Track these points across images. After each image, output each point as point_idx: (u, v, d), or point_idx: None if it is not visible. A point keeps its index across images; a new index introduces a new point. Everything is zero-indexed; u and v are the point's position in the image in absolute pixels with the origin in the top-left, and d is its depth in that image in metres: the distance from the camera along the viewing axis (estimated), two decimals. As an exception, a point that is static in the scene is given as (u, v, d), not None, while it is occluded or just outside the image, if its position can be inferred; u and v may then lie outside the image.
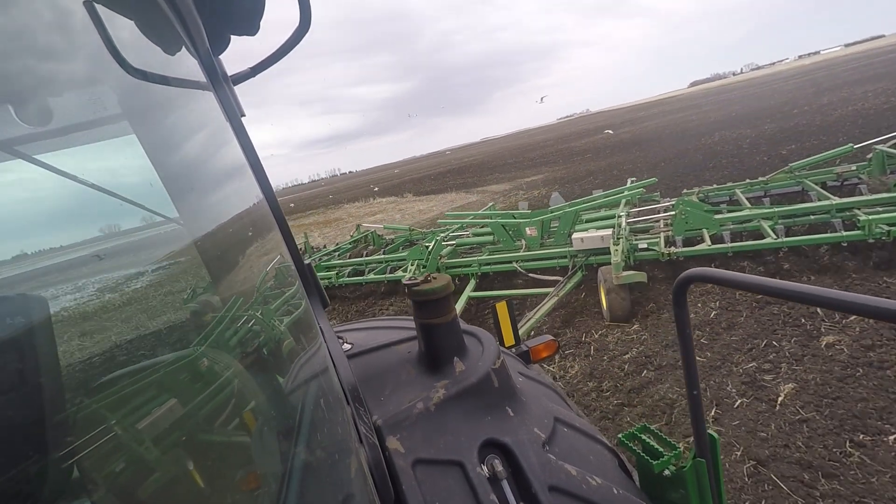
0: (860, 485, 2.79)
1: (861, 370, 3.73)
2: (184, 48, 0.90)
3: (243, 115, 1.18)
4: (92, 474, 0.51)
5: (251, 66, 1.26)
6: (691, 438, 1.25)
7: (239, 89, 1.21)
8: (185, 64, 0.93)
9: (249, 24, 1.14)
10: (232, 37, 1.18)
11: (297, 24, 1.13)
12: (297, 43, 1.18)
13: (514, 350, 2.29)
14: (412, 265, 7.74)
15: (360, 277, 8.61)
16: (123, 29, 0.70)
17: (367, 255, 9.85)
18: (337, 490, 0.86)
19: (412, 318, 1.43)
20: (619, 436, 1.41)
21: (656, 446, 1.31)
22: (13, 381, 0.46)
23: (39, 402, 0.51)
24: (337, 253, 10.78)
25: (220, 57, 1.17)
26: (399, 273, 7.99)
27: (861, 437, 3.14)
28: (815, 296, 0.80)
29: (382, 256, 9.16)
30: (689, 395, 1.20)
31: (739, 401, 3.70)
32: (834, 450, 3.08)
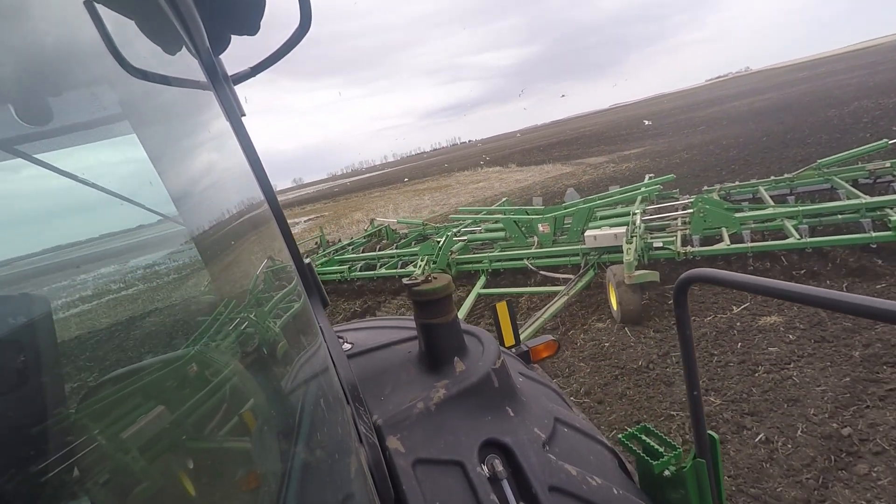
0: (671, 333, 4.91)
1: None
2: (184, 48, 0.90)
3: (243, 115, 1.18)
4: (92, 474, 0.51)
5: (251, 65, 1.26)
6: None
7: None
8: (186, 64, 0.93)
9: (249, 24, 1.14)
10: (232, 37, 1.18)
11: (297, 24, 1.13)
12: (298, 43, 1.18)
13: (514, 350, 2.29)
14: (422, 261, 7.61)
15: (372, 272, 8.57)
16: (123, 29, 0.70)
17: (379, 250, 9.83)
18: (337, 490, 0.86)
19: (412, 317, 1.43)
20: (619, 436, 1.41)
21: (656, 447, 1.31)
22: (14, 381, 0.46)
23: (40, 402, 0.51)
24: (351, 247, 10.82)
25: (220, 57, 1.17)
26: (410, 268, 7.89)
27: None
28: (815, 297, 0.80)
29: (395, 251, 9.12)
30: (689, 395, 1.20)
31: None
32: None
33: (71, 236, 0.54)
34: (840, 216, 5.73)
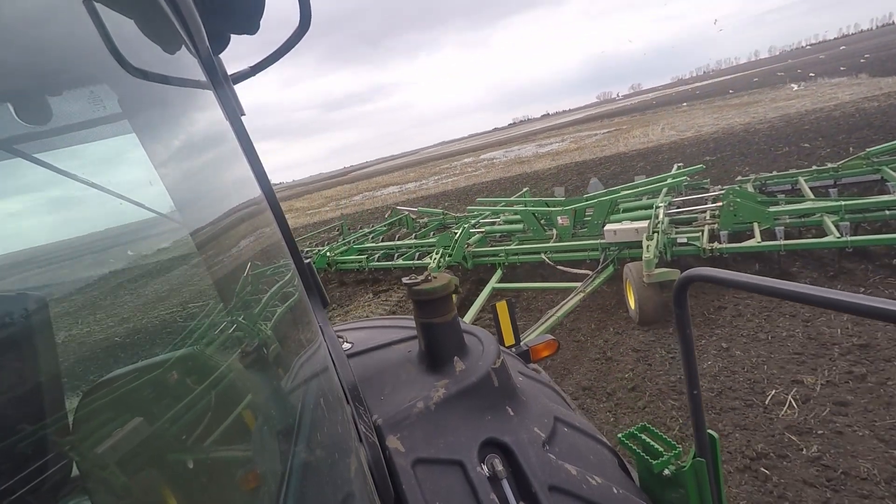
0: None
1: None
2: (184, 47, 0.90)
3: (243, 115, 1.18)
4: (92, 473, 0.51)
5: (251, 65, 1.26)
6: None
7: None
8: (185, 63, 0.93)
9: (249, 23, 1.14)
10: (232, 36, 1.18)
11: (297, 24, 1.13)
12: (297, 42, 1.18)
13: (513, 349, 2.29)
14: (437, 253, 7.34)
15: (390, 262, 8.50)
16: (123, 28, 0.70)
17: (398, 239, 9.80)
18: (337, 489, 0.86)
19: (412, 317, 1.43)
20: (619, 435, 1.41)
21: (656, 446, 1.31)
22: (13, 380, 0.47)
23: (39, 401, 0.52)
24: (371, 235, 10.78)
25: (220, 56, 1.17)
26: (426, 260, 7.60)
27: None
28: (816, 296, 0.80)
29: (413, 241, 9.01)
30: (690, 395, 1.20)
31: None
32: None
33: (70, 235, 0.54)
34: (888, 212, 5.12)
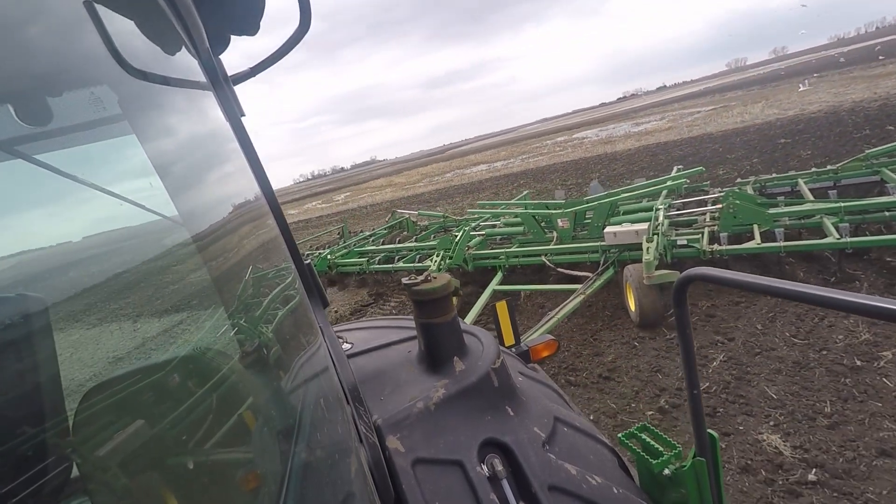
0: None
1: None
2: (184, 48, 0.90)
3: (243, 115, 1.18)
4: (93, 475, 0.51)
5: (251, 66, 1.26)
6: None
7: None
8: (186, 64, 0.93)
9: (249, 24, 1.14)
10: (232, 37, 1.18)
11: (297, 24, 1.13)
12: (297, 43, 1.18)
13: (513, 350, 2.29)
14: (437, 256, 7.30)
15: (391, 265, 8.53)
16: (123, 29, 0.70)
17: (399, 242, 9.87)
18: (337, 489, 0.86)
19: (412, 317, 1.43)
20: (619, 435, 1.41)
21: (656, 446, 1.31)
22: (12, 381, 0.47)
23: (39, 403, 0.52)
24: (371, 238, 10.88)
25: (220, 57, 1.17)
26: (427, 262, 7.57)
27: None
28: (816, 296, 0.80)
29: (413, 244, 9.04)
30: (690, 394, 1.20)
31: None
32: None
33: (70, 236, 0.54)
34: (887, 213, 5.14)
